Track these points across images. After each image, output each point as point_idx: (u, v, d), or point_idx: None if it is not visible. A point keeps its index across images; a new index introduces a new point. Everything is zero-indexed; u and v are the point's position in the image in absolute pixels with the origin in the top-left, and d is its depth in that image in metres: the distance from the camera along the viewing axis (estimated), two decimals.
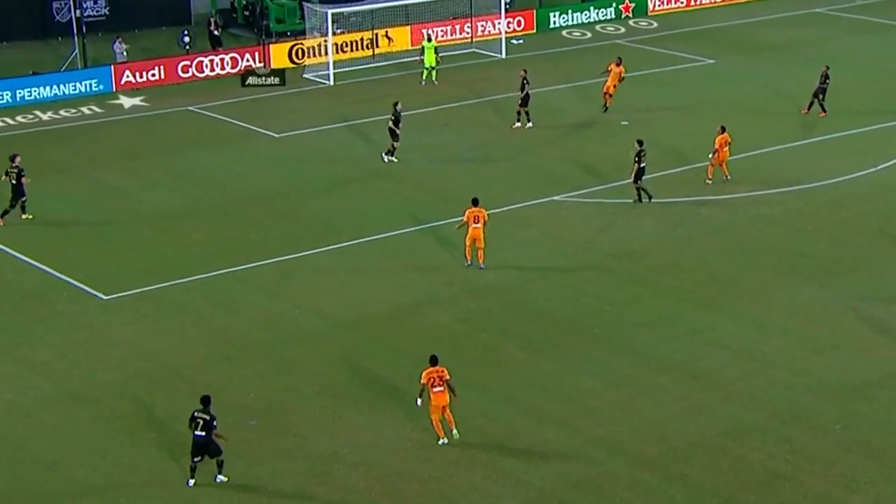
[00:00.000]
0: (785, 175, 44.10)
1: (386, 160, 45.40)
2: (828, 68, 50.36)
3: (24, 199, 40.26)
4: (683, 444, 27.72)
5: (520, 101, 49.24)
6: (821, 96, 50.20)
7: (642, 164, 41.02)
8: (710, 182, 43.01)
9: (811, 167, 44.92)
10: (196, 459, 26.14)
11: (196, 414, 26.15)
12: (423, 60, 56.43)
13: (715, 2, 72.26)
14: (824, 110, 50.25)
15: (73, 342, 32.74)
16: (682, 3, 71.31)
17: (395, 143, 45.40)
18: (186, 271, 36.69)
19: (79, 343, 32.68)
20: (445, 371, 27.59)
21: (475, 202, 36.41)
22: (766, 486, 26.22)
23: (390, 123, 45.16)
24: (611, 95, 50.80)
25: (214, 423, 26.07)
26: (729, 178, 43.12)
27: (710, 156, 43.00)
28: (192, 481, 26.24)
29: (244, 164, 46.52)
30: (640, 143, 41.19)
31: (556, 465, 26.94)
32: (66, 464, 27.27)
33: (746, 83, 55.95)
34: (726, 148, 42.82)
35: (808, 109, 50.34)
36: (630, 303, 34.65)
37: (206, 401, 26.36)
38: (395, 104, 45.48)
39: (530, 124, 49.24)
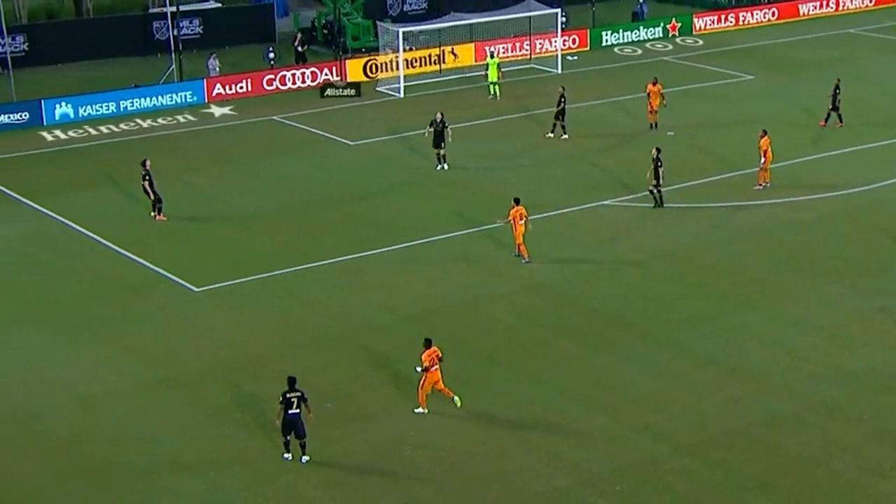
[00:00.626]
0: (818, 182, 43.62)
1: (438, 168, 45.44)
2: (839, 81, 49.87)
3: (151, 199, 40.85)
4: (722, 432, 27.51)
5: (556, 114, 48.93)
6: (830, 107, 49.74)
7: (661, 169, 40.64)
8: (760, 187, 42.55)
9: (843, 175, 44.42)
10: (287, 437, 26.40)
11: (288, 395, 26.29)
12: (487, 76, 56.38)
13: (759, 22, 71.67)
14: (827, 120, 49.89)
15: (167, 331, 33.07)
16: (729, 23, 70.80)
17: (438, 151, 45.20)
18: (268, 267, 36.90)
19: (172, 332, 32.99)
20: (439, 350, 28.09)
21: (517, 201, 36.46)
22: (800, 471, 25.96)
23: (430, 134, 45.13)
24: (655, 112, 50.12)
25: (306, 397, 26.34)
26: (769, 184, 42.66)
27: (761, 162, 42.53)
28: (288, 455, 26.53)
29: (321, 169, 46.76)
30: (658, 150, 40.86)
31: (605, 450, 26.83)
32: (161, 441, 27.55)
33: (783, 97, 55.33)
34: (770, 150, 42.36)
35: (841, 122, 49.77)
36: (673, 301, 34.41)
37: (293, 381, 26.54)
38: (436, 114, 45.36)
39: (565, 136, 48.84)
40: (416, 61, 60.31)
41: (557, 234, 39.21)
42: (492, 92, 56.11)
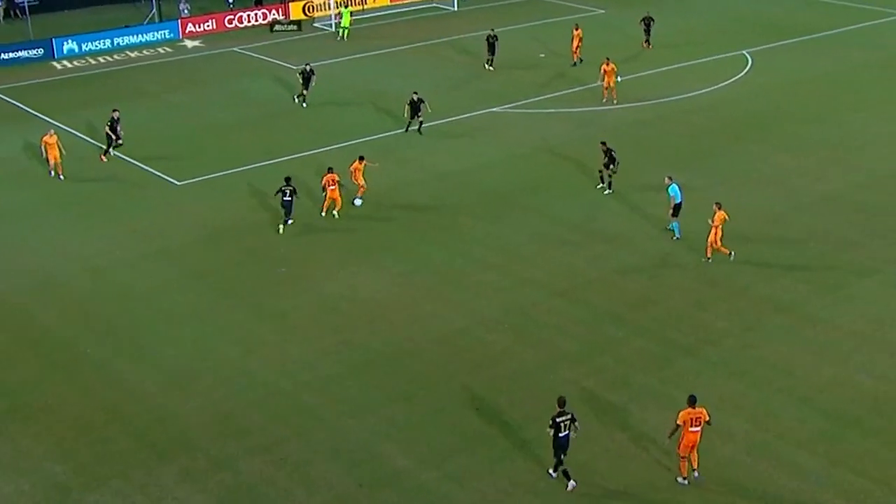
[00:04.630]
0: (654, 92, 43.19)
1: (296, 101, 42.28)
2: (648, 13, 49.85)
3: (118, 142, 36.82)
4: (586, 279, 27.50)
5: (488, 49, 46.44)
6: (647, 36, 49.52)
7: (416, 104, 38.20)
8: (606, 100, 41.94)
9: (672, 86, 44.01)
10: (286, 219, 29.89)
11: (284, 188, 29.83)
12: (341, 21, 53.37)
13: None
14: (648, 44, 49.70)
15: (158, 215, 32.05)
16: None
17: (304, 91, 41.88)
18: (234, 164, 35.84)
19: (162, 216, 31.98)
20: (337, 175, 29.89)
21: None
22: (643, 306, 26.13)
23: (303, 75, 41.76)
24: (577, 51, 47.14)
25: (296, 191, 30.04)
26: (616, 101, 41.81)
27: (600, 82, 41.96)
28: (282, 227, 30.03)
29: (275, 88, 45.20)
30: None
31: (495, 297, 26.70)
32: (157, 297, 26.88)
33: (629, 27, 54.36)
34: (612, 74, 41.59)
35: (648, 44, 49.62)
36: (548, 182, 34.02)
37: (289, 179, 30.03)
38: (304, 64, 42.33)
39: (491, 68, 47.56)
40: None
41: (459, 134, 38.50)
42: (341, 35, 53.02)
